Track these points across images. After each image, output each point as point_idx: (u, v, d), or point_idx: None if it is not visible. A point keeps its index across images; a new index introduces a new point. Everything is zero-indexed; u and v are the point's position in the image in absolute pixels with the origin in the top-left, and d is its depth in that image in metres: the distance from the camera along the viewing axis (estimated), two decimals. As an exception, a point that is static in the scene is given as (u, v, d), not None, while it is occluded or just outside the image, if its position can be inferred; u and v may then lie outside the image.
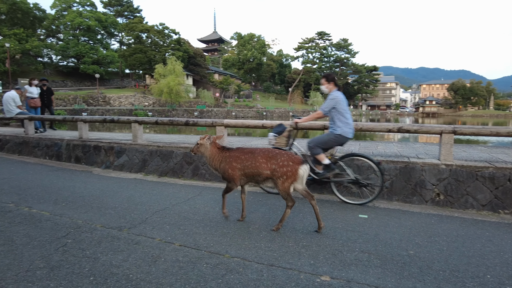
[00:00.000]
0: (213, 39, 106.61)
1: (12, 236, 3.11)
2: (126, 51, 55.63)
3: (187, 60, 56.95)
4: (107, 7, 68.53)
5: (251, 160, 3.36)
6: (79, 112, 33.69)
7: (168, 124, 6.42)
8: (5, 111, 9.09)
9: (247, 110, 55.14)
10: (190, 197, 4.53)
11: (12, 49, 44.69)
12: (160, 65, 45.17)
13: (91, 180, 5.58)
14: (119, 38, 66.70)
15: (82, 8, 59.90)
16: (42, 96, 9.78)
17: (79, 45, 55.24)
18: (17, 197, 4.44)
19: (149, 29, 54.01)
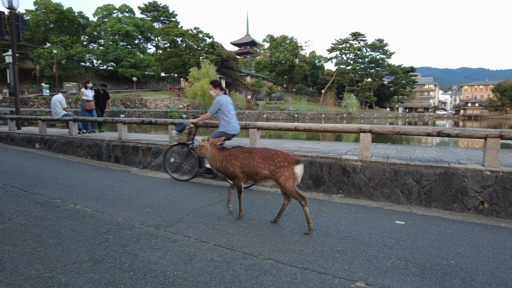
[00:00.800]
0: (245, 42, 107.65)
1: (60, 230, 3.32)
2: (162, 55, 57.55)
3: (220, 63, 57.93)
4: (144, 13, 71.36)
5: (249, 159, 3.52)
6: (117, 114, 35.24)
7: (203, 126, 6.57)
8: (52, 113, 9.71)
9: (279, 112, 55.06)
10: (223, 198, 4.61)
11: (59, 55, 47.67)
12: (194, 69, 46.29)
13: (130, 179, 5.84)
14: (155, 42, 69.12)
15: (121, 15, 62.77)
16: (98, 99, 10.12)
17: (118, 50, 57.88)
18: (63, 193, 4.73)
19: (184, 33, 55.51)
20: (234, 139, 6.26)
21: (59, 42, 50.64)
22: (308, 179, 5.19)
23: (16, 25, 12.08)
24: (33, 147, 9.72)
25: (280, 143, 7.09)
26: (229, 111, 5.13)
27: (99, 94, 10.19)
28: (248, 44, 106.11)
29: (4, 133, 11.13)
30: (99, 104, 10.20)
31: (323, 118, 60.08)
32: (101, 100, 10.28)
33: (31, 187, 5.09)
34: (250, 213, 3.94)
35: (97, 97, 10.13)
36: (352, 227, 3.54)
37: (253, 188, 5.26)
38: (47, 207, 4.08)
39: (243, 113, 48.32)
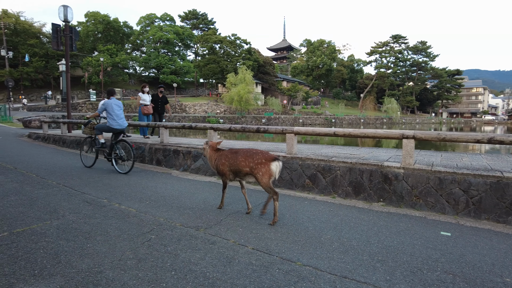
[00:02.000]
0: (282, 47, 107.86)
1: (107, 228, 3.51)
2: (200, 61, 59.21)
3: (257, 68, 58.48)
4: (184, 21, 73.92)
5: (234, 159, 3.96)
6: (159, 118, 36.51)
7: (241, 131, 6.67)
8: (100, 118, 10.30)
9: (315, 117, 54.43)
10: (261, 202, 4.63)
11: (105, 63, 50.58)
12: (231, 75, 47.09)
13: (171, 181, 6.04)
14: (194, 49, 71.29)
15: (163, 23, 65.46)
16: (157, 103, 9.82)
17: (159, 57, 60.36)
18: (109, 194, 5.00)
19: (222, 40, 56.74)
20: (266, 144, 6.29)
21: (105, 51, 53.87)
22: (347, 186, 5.08)
23: (70, 36, 13.03)
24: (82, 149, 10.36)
25: (317, 149, 7.01)
26: (113, 111, 6.81)
27: (157, 98, 9.90)
28: (284, 49, 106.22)
29: (57, 136, 11.99)
30: (158, 108, 9.90)
31: (362, 123, 58.50)
32: (160, 104, 9.96)
33: (80, 186, 5.43)
34: (287, 219, 3.93)
35: (156, 101, 9.85)
36: (394, 237, 3.42)
37: (290, 194, 5.24)
38: (95, 206, 4.33)
39: (278, 118, 48.29)
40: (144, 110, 9.50)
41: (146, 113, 9.53)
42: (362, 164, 5.09)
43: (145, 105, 9.53)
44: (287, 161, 5.76)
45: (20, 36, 47.91)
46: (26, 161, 7.91)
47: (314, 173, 5.39)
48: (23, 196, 4.78)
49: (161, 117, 10.16)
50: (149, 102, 9.67)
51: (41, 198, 4.68)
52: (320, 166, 5.36)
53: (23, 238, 3.21)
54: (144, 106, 9.52)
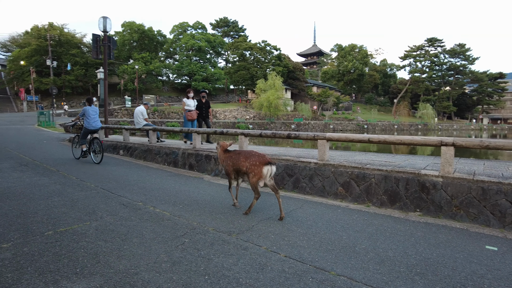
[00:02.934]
0: (312, 52, 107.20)
1: (142, 230, 3.61)
2: (231, 68, 60.09)
3: (287, 74, 58.46)
4: (215, 29, 75.44)
5: (237, 159, 4.35)
6: (190, 124, 37.37)
7: (271, 137, 6.66)
8: (135, 123, 10.70)
9: (346, 123, 53.40)
10: (292, 209, 4.58)
11: (140, 70, 52.56)
12: (261, 81, 47.36)
13: (203, 186, 6.13)
14: (225, 56, 72.49)
15: (195, 31, 67.16)
16: (201, 108, 9.73)
17: (191, 64, 61.92)
18: (144, 197, 5.16)
19: (252, 47, 57.30)
20: (297, 150, 6.22)
21: (140, 59, 56.03)
22: (382, 194, 4.92)
23: (108, 46, 13.68)
24: (118, 153, 10.79)
25: (350, 155, 6.86)
26: (89, 116, 8.71)
27: (201, 104, 9.77)
28: (315, 54, 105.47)
29: (95, 141, 12.56)
30: (202, 114, 9.79)
31: (395, 129, 56.69)
32: (204, 109, 9.83)
33: (117, 189, 5.63)
34: (319, 227, 3.86)
35: (200, 107, 9.74)
36: (433, 249, 3.25)
37: (322, 202, 5.15)
38: (131, 208, 4.48)
39: (308, 123, 47.85)
40: (188, 116, 9.48)
41: (190, 119, 9.51)
42: (398, 172, 4.91)
43: (189, 111, 9.50)
44: (319, 168, 5.67)
45: (64, 46, 50.99)
46: (67, 164, 8.33)
47: (348, 180, 5.27)
48: (65, 197, 5.03)
49: (206, 121, 10.01)
50: (193, 107, 9.63)
51: (81, 200, 4.90)
52: (353, 174, 5.23)
53: (65, 237, 3.37)
54: (189, 112, 9.49)
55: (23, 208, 4.43)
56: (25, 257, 2.91)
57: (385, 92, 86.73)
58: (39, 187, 5.73)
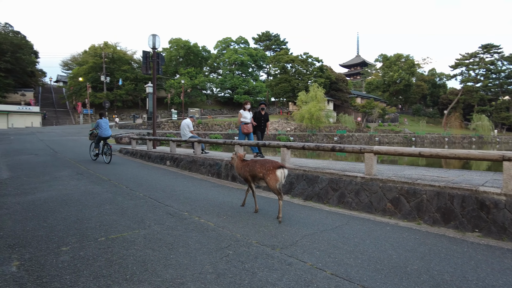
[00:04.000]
0: (355, 63, 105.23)
1: (187, 240, 3.68)
2: (272, 81, 60.65)
3: (329, 85, 57.79)
4: (257, 43, 76.86)
5: (253, 166, 4.88)
6: (233, 136, 38.06)
7: (314, 149, 6.55)
8: (181, 135, 11.10)
9: (393, 135, 51.26)
10: (338, 225, 4.43)
11: (185, 85, 54.78)
12: (302, 93, 47.20)
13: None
14: (266, 69, 73.42)
15: (238, 46, 68.90)
16: (259, 120, 9.37)
17: (234, 78, 63.46)
18: (189, 207, 5.27)
19: (293, 59, 57.50)
20: (341, 163, 6.01)
21: (186, 74, 58.56)
22: (435, 211, 4.60)
23: (157, 62, 14.44)
24: (165, 164, 11.21)
25: (399, 170, 6.54)
26: (101, 126, 10.91)
27: (260, 116, 9.40)
28: (358, 65, 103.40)
29: (143, 151, 13.20)
30: (261, 126, 9.42)
31: (446, 142, 53.36)
32: (263, 122, 9.45)
33: (164, 199, 5.83)
34: (367, 245, 3.68)
35: (258, 119, 9.37)
36: (498, 275, 2.95)
37: (370, 218, 4.93)
38: (177, 218, 4.59)
39: (352, 136, 46.59)
40: (244, 129, 9.13)
41: (246, 132, 9.16)
42: (453, 188, 4.57)
43: (245, 123, 9.18)
44: (366, 183, 5.46)
45: (116, 63, 54.79)
46: (117, 174, 8.81)
47: (397, 196, 5.00)
48: (116, 205, 5.30)
49: (263, 134, 9.61)
50: (249, 119, 9.27)
51: (131, 208, 5.13)
52: (403, 189, 4.96)
53: (116, 244, 3.53)
54: (245, 125, 9.16)
55: (79, 214, 4.73)
56: (81, 261, 3.08)
57: (434, 103, 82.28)
58: (92, 195, 6.09)
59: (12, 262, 3.06)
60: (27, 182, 7.39)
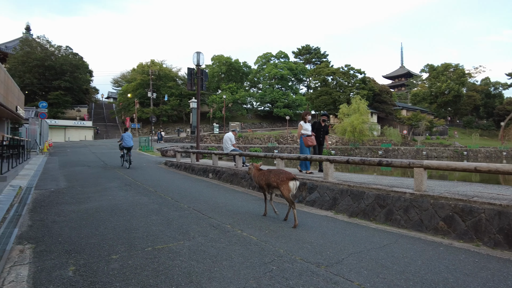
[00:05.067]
0: (400, 74, 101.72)
1: (231, 253, 3.68)
2: (312, 94, 60.32)
3: (372, 97, 56.24)
4: (297, 57, 77.16)
5: (268, 176, 5.28)
6: (272, 149, 38.11)
7: (360, 163, 6.34)
8: (223, 148, 11.31)
9: (442, 149, 48.39)
10: (386, 243, 4.20)
11: (227, 99, 56.11)
12: (344, 105, 46.33)
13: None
14: (306, 82, 73.25)
15: (278, 61, 69.60)
16: (318, 132, 8.97)
17: (274, 92, 63.99)
18: (231, 219, 5.30)
19: (334, 71, 56.90)
20: (388, 178, 5.74)
21: (227, 89, 60.11)
22: (496, 233, 4.20)
23: (201, 78, 14.97)
24: (207, 177, 11.45)
25: (451, 186, 6.11)
26: (125, 139, 13.63)
27: (319, 127, 9.00)
28: (402, 76, 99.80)
29: (187, 164, 13.60)
30: (319, 138, 8.97)
31: (504, 156, 49.21)
32: (322, 134, 9.02)
33: (207, 211, 5.91)
34: (420, 266, 3.44)
35: (318, 130, 8.96)
36: None
37: (420, 237, 4.62)
38: (220, 230, 4.63)
39: (398, 149, 44.62)
40: (307, 141, 8.51)
41: (310, 144, 8.56)
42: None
43: (307, 136, 8.61)
44: (415, 199, 5.15)
45: (162, 80, 57.68)
46: (163, 186, 9.13)
47: (450, 214, 4.65)
48: (162, 216, 5.47)
49: (320, 148, 9.14)
50: (310, 131, 8.76)
51: (176, 219, 5.26)
52: (457, 207, 4.61)
53: (162, 254, 3.62)
54: (307, 137, 8.57)
55: (127, 224, 4.93)
56: (129, 269, 3.19)
57: (488, 115, 76.61)
58: (140, 205, 6.35)
59: (69, 267, 3.25)
60: (81, 192, 7.90)
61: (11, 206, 6.17)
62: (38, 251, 3.74)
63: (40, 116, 23.71)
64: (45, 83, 51.04)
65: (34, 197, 7.13)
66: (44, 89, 51.27)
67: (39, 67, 50.08)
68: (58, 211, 5.84)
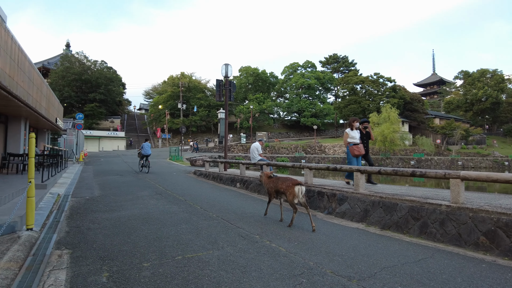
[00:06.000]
0: (431, 81, 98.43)
1: (260, 264, 3.65)
2: (341, 103, 59.47)
3: (403, 106, 54.65)
4: (325, 66, 76.64)
5: (276, 183, 5.79)
6: (299, 159, 37.80)
7: (392, 174, 6.14)
8: (250, 158, 11.34)
9: (479, 159, 46.00)
10: (421, 258, 4.01)
11: (254, 110, 56.50)
12: (374, 114, 45.34)
13: (316, 224, 5.93)
14: (334, 91, 72.43)
15: (305, 70, 69.47)
16: (362, 140, 8.27)
17: (301, 102, 63.75)
18: (260, 230, 5.27)
19: (363, 80, 55.97)
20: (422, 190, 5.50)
21: (254, 99, 60.63)
22: (544, 249, 3.90)
23: (229, 89, 15.21)
24: (235, 186, 11.50)
25: (492, 198, 5.77)
26: (144, 147, 16.03)
27: (362, 135, 8.36)
28: (435, 83, 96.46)
29: (215, 173, 13.75)
30: (364, 147, 8.22)
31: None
32: (365, 142, 8.40)
33: (235, 221, 5.92)
34: (460, 283, 3.25)
35: (361, 139, 8.26)
36: None
37: (459, 252, 4.38)
38: (248, 241, 4.61)
39: (431, 159, 42.91)
40: (354, 150, 7.82)
41: (358, 154, 7.84)
42: None
43: (354, 144, 7.91)
44: (452, 212, 4.90)
45: (191, 91, 59.13)
46: (192, 194, 9.27)
47: (492, 229, 4.38)
48: (191, 225, 5.53)
49: (367, 157, 8.49)
50: (359, 140, 8.07)
51: (205, 228, 5.31)
52: (500, 221, 4.33)
53: (192, 263, 3.65)
54: (355, 146, 7.87)
55: (158, 232, 5.03)
56: (160, 278, 3.24)
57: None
58: (170, 214, 6.47)
59: (103, 273, 3.35)
60: (114, 200, 8.17)
61: (51, 213, 6.48)
62: (75, 257, 3.89)
63: (76, 127, 24.99)
64: (82, 96, 53.95)
65: (71, 205, 7.45)
66: (81, 101, 54.16)
67: (76, 81, 53.07)
68: (92, 218, 6.06)
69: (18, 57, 9.01)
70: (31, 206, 4.90)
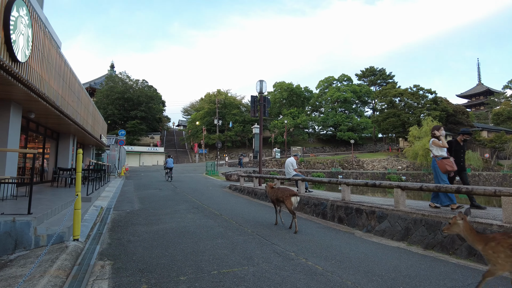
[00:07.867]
0: (477, 92, 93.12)
1: (296, 282, 3.57)
2: (379, 116, 57.81)
3: (445, 118, 52.05)
4: (361, 79, 75.29)
5: (277, 193, 6.75)
6: (336, 174, 36.98)
7: (435, 190, 5.81)
8: (285, 173, 11.27)
9: (535, 175, 42.37)
10: (471, 282, 3.73)
11: (288, 124, 56.44)
12: (414, 127, 43.57)
13: (354, 242, 5.76)
14: (372, 105, 70.68)
15: (340, 84, 68.60)
16: (458, 154, 6.69)
17: (337, 116, 62.77)
18: (295, 247, 5.18)
19: (402, 92, 54.21)
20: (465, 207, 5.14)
21: (288, 114, 60.66)
22: None
23: (263, 105, 15.37)
24: (269, 201, 11.43)
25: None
26: (167, 162, 21.12)
27: (459, 148, 6.78)
28: (481, 94, 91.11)
29: (250, 188, 13.80)
30: (460, 163, 6.62)
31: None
32: (462, 155, 6.75)
33: (270, 237, 5.87)
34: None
35: (456, 153, 6.69)
36: None
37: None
38: (284, 258, 4.55)
39: (479, 175, 40.18)
40: (446, 166, 6.29)
41: (450, 170, 6.31)
42: None
43: (444, 158, 6.42)
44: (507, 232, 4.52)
45: (227, 108, 60.43)
46: (228, 209, 9.34)
47: (552, 252, 3.98)
48: (227, 240, 5.56)
49: (462, 175, 6.69)
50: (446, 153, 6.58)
51: (240, 244, 5.31)
52: (561, 243, 3.93)
53: (227, 278, 3.66)
54: (444, 160, 6.38)
55: (195, 246, 5.11)
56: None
57: None
58: (206, 228, 6.55)
59: (142, 285, 3.45)
60: (153, 213, 8.44)
61: (94, 225, 6.82)
62: (116, 268, 4.04)
63: (119, 143, 26.31)
64: (124, 113, 57.07)
65: (112, 217, 7.80)
66: (123, 118, 57.25)
67: (119, 99, 56.35)
68: (133, 231, 6.29)
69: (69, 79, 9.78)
70: (78, 218, 5.20)
